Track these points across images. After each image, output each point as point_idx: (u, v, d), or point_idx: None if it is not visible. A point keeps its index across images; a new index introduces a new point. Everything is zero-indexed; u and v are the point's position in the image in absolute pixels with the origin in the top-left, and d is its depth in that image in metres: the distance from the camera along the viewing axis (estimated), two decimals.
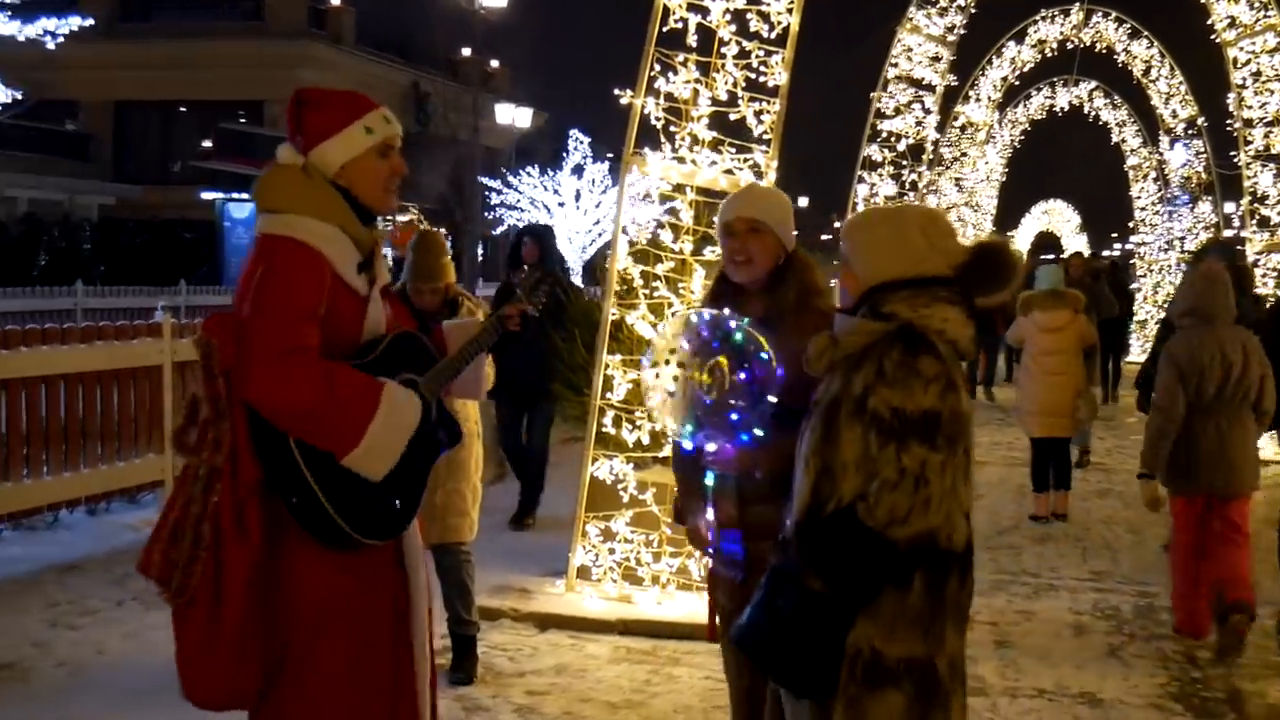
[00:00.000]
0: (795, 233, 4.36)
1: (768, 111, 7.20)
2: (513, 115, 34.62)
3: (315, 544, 3.57)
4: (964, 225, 24.78)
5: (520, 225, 26.87)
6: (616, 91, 7.20)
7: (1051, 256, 26.78)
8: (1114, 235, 75.41)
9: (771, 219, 4.24)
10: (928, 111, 15.19)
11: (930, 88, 15.17)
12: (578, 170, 36.15)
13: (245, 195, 30.60)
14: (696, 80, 7.13)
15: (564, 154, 37.18)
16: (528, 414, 9.82)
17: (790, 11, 7.18)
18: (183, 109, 43.69)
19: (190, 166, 36.78)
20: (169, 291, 20.08)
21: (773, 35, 7.19)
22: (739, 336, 3.97)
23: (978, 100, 21.91)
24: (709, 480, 4.27)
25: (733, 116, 7.20)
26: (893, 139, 15.14)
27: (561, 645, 6.76)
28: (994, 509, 10.99)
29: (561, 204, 35.28)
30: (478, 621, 6.39)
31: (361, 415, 3.49)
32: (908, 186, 15.29)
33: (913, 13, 14.91)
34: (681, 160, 7.16)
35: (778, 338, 4.02)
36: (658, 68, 7.12)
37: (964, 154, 22.91)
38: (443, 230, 11.23)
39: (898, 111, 15.09)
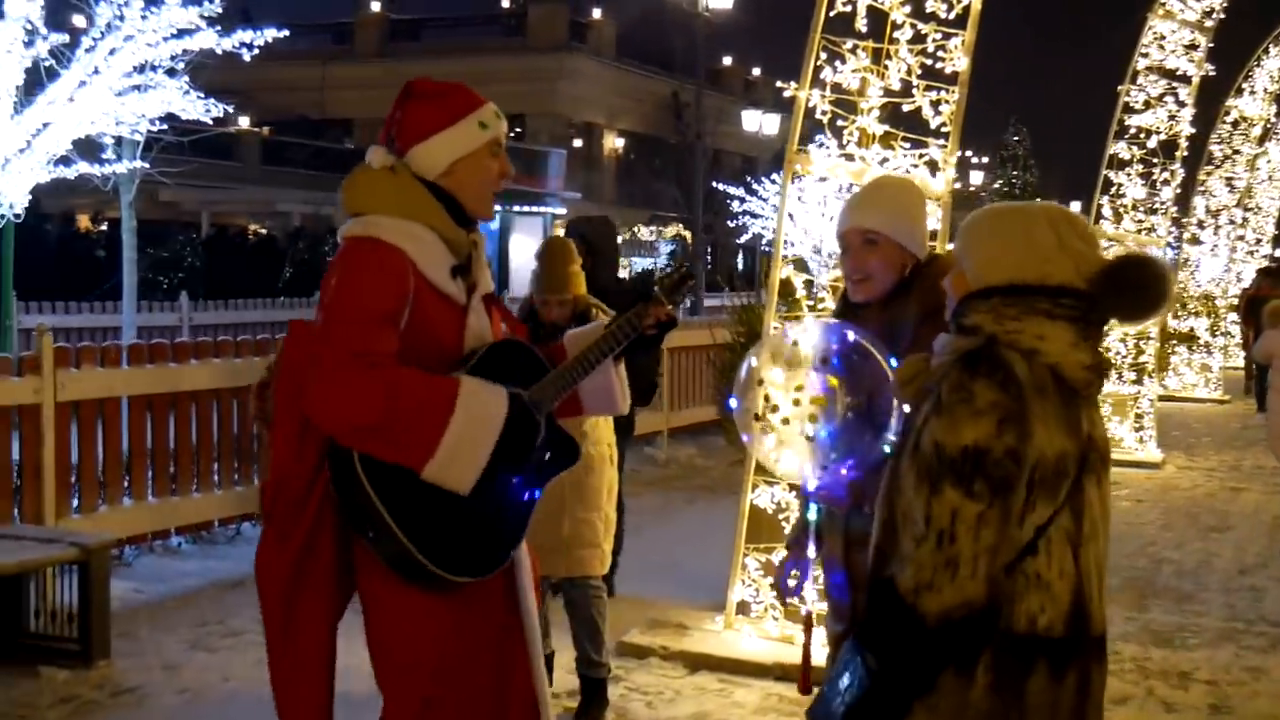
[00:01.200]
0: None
1: (946, 101, 6.45)
2: (759, 122, 34.04)
3: (407, 584, 3.18)
4: (1235, 228, 23.00)
5: (763, 234, 26.41)
6: (780, 84, 6.60)
7: None
8: None
9: (891, 227, 3.62)
10: (1182, 104, 13.90)
11: (1185, 79, 13.88)
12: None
13: None
14: (866, 69, 6.45)
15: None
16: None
17: None
18: None
19: None
20: None
21: (951, 16, 6.45)
22: (854, 356, 3.38)
23: (1252, 93, 20.20)
24: (811, 515, 3.69)
25: (906, 108, 6.50)
26: (1142, 135, 13.93)
27: (708, 690, 6.18)
28: (1240, 543, 9.88)
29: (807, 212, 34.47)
30: (608, 664, 5.87)
31: (435, 418, 3.08)
32: (1159, 186, 14.04)
33: None
34: (850, 158, 6.49)
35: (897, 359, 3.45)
36: (824, 56, 6.48)
37: (1236, 152, 21.15)
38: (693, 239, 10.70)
39: (1148, 105, 13.86)
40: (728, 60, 50.88)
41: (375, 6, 47.63)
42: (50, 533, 6.57)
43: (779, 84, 6.90)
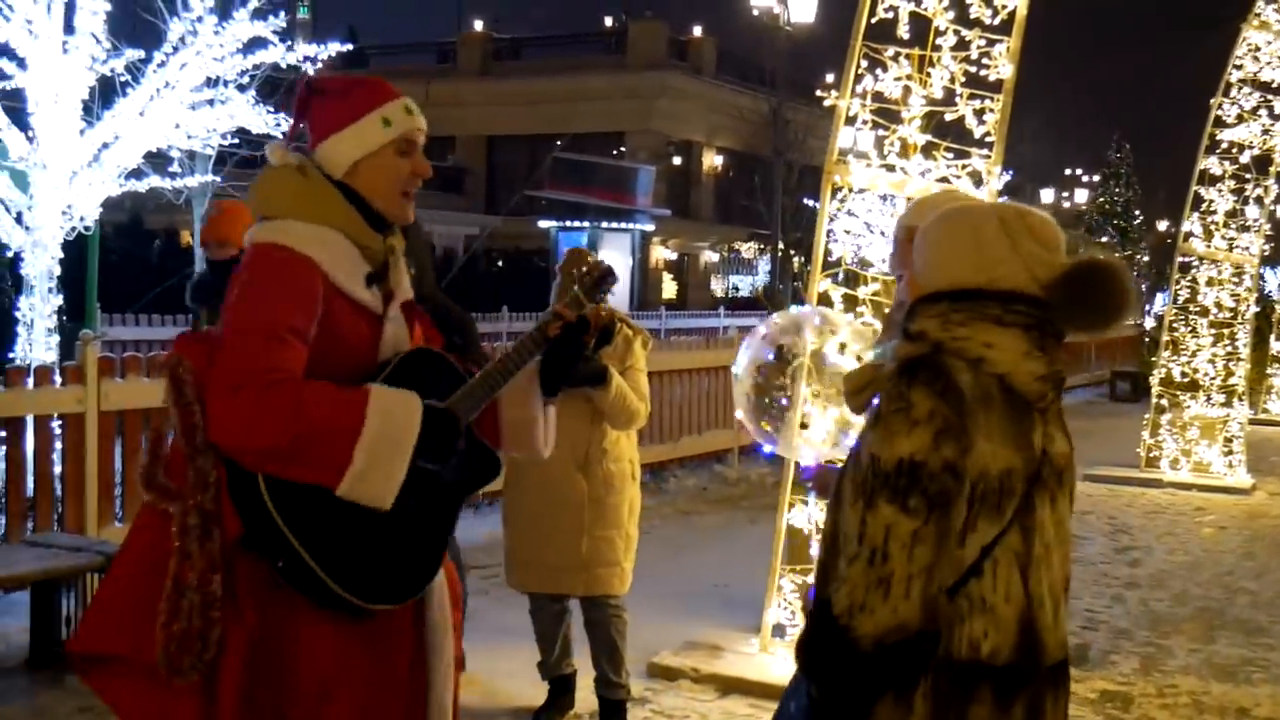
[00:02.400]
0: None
1: (990, 110, 6.24)
2: (853, 137, 33.44)
3: (316, 608, 2.99)
4: None
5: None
6: (819, 93, 6.42)
7: None
8: None
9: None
10: (1276, 118, 13.41)
11: None
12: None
13: (577, 223, 31.14)
14: (908, 77, 6.25)
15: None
16: None
17: None
18: (558, 141, 45.28)
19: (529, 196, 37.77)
20: (490, 318, 20.33)
21: (996, 21, 6.24)
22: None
23: None
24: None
25: (949, 117, 6.29)
26: (1234, 150, 13.48)
27: (737, 715, 6.00)
28: None
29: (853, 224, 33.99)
30: (628, 684, 5.73)
31: (346, 432, 2.88)
32: (1251, 202, 13.56)
33: (1261, 7, 13.22)
34: (890, 169, 6.29)
35: None
36: (864, 64, 6.30)
37: None
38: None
39: (1240, 119, 13.41)
40: (829, 78, 50.60)
41: (478, 25, 48.04)
42: (81, 541, 6.57)
43: (819, 93, 6.73)
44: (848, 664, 2.48)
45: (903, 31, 6.26)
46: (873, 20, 6.28)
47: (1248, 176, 13.55)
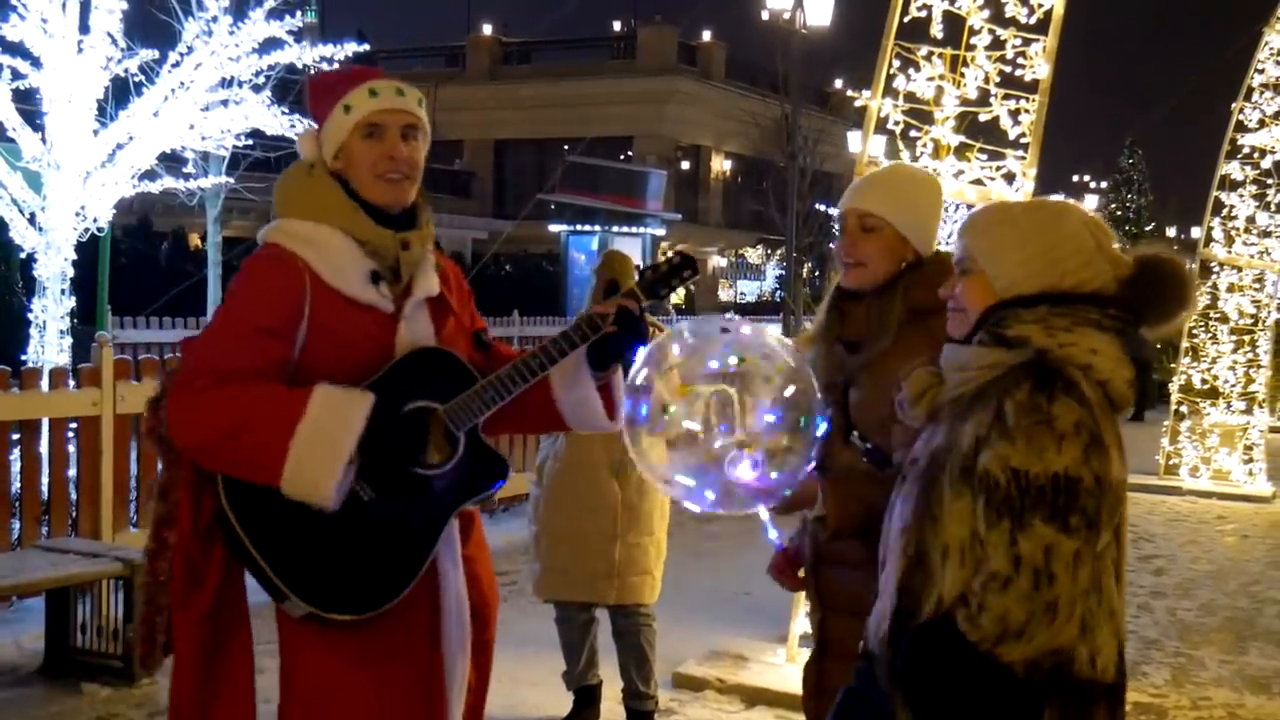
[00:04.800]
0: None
1: (1026, 111, 6.13)
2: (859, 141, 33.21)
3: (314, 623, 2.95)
4: None
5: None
6: (850, 93, 6.31)
7: None
8: None
9: (895, 215, 3.25)
10: None
11: None
12: None
13: (588, 226, 31.03)
14: (941, 77, 6.14)
15: None
16: None
17: None
18: (565, 146, 45.23)
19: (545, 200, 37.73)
20: (501, 322, 20.21)
21: (1032, 20, 6.14)
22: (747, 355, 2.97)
23: None
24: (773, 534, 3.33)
25: (983, 117, 6.18)
26: (1256, 155, 13.36)
27: None
28: None
29: None
30: (657, 695, 5.62)
31: (281, 427, 2.83)
32: (1274, 208, 13.43)
33: None
34: (923, 170, 6.17)
35: (866, 363, 3.15)
36: (897, 64, 6.19)
37: None
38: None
39: (1262, 124, 13.29)
40: (839, 83, 50.44)
41: (487, 29, 47.99)
42: (97, 547, 6.47)
43: (850, 92, 6.62)
44: (993, 694, 2.36)
45: (936, 30, 6.14)
46: (905, 20, 6.17)
47: (1269, 182, 13.43)
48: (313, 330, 2.95)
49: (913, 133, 6.19)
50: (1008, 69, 6.14)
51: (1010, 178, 6.11)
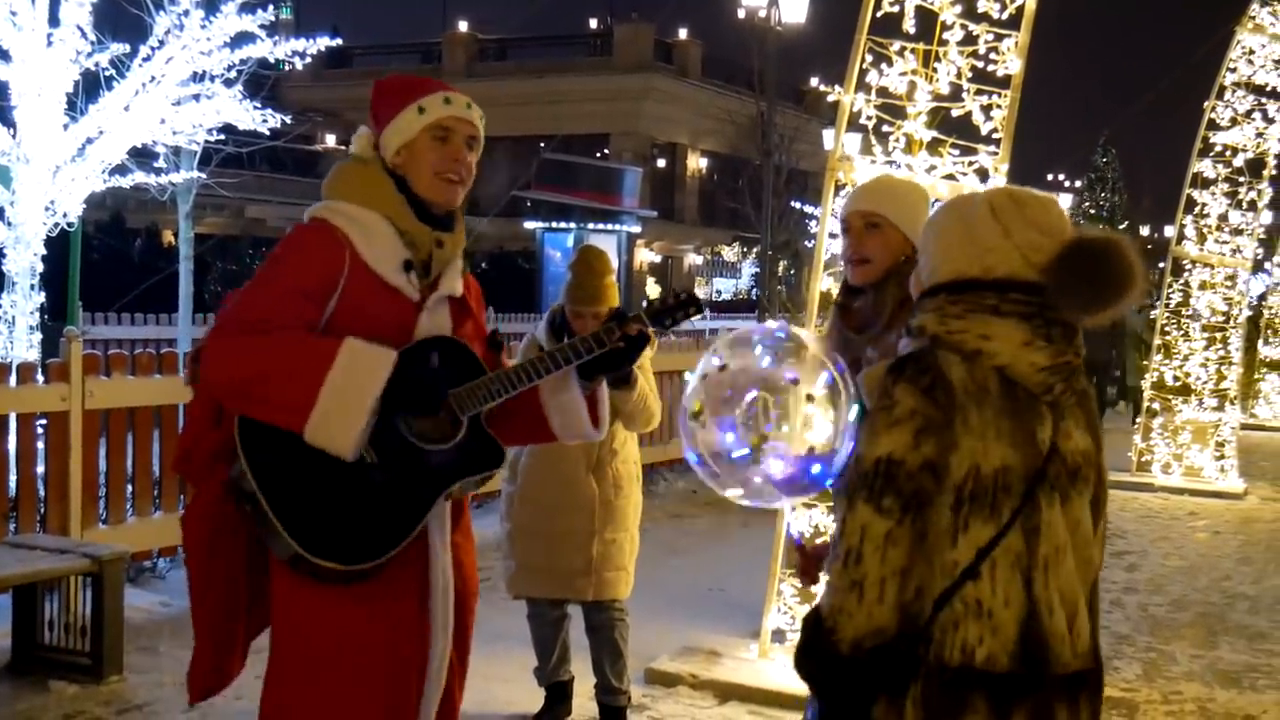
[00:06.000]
0: None
1: (997, 106, 6.12)
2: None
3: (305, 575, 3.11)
4: None
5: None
6: (824, 87, 6.31)
7: None
8: None
9: (894, 213, 3.48)
10: (1270, 121, 13.35)
11: (1275, 94, 13.34)
12: None
13: (564, 224, 31.00)
14: (914, 72, 6.14)
15: None
16: None
17: None
18: (541, 143, 45.15)
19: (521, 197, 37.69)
20: None
21: (1004, 16, 6.13)
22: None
23: None
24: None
25: (956, 113, 6.17)
26: (1228, 153, 13.42)
27: None
28: None
29: None
30: (630, 691, 5.61)
31: (311, 373, 3.00)
32: (1246, 206, 13.49)
33: (1255, 10, 13.16)
34: (895, 165, 6.17)
35: (869, 340, 3.40)
36: (870, 59, 6.18)
37: None
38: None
39: (1234, 122, 13.35)
40: (815, 81, 50.46)
41: (463, 26, 47.87)
42: (66, 543, 6.41)
43: (822, 87, 6.61)
44: (830, 668, 2.44)
45: (908, 26, 6.14)
46: (878, 15, 6.16)
47: (1241, 180, 13.49)
48: (342, 303, 3.12)
49: (885, 128, 6.18)
50: (980, 64, 6.13)
51: (983, 173, 6.10)
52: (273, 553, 3.13)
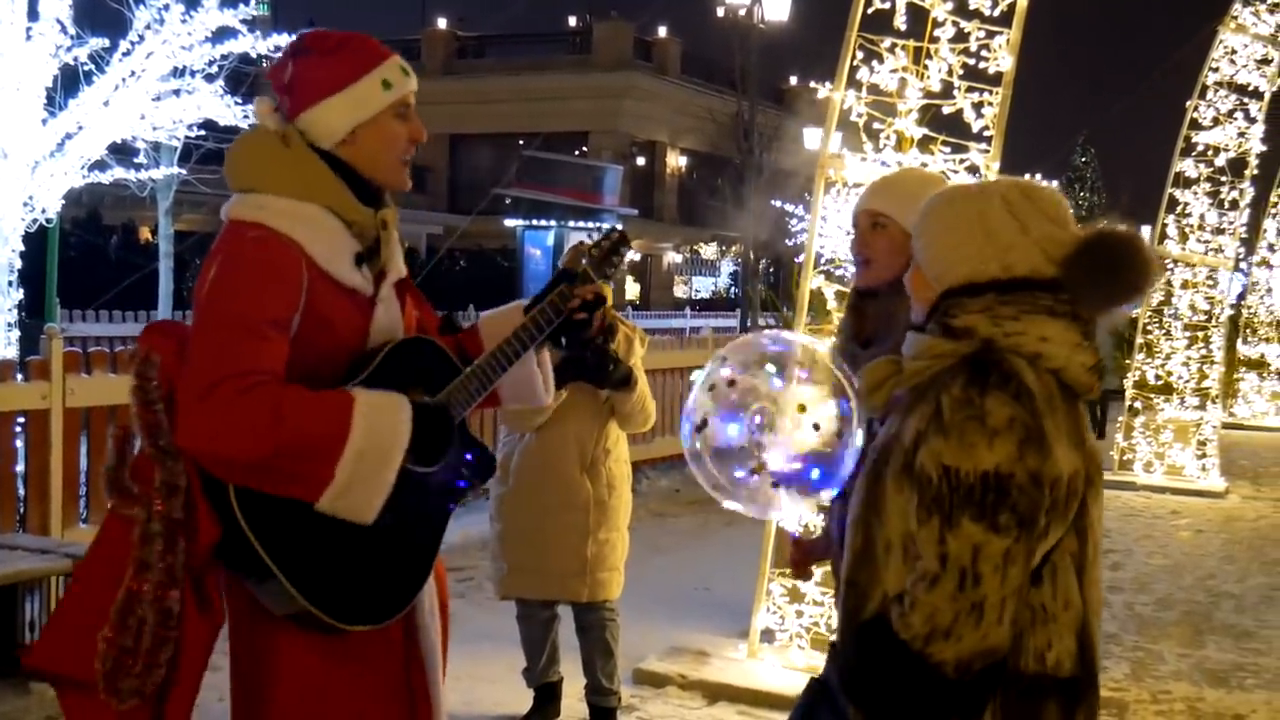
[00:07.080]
0: None
1: (989, 104, 6.10)
2: (819, 139, 33.22)
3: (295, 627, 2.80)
4: None
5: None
6: (812, 84, 6.27)
7: None
8: None
9: (901, 213, 3.29)
10: (1252, 120, 13.39)
11: (1257, 94, 13.39)
12: None
13: (544, 222, 30.93)
14: (905, 69, 6.11)
15: None
16: None
17: None
18: (521, 141, 45.10)
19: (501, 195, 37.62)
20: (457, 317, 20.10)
21: (996, 13, 6.10)
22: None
23: None
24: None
25: (947, 110, 6.14)
26: (1210, 152, 13.45)
27: None
28: None
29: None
30: (620, 691, 5.57)
31: (330, 443, 2.65)
32: (1227, 205, 13.52)
33: (1237, 10, 13.21)
34: (886, 163, 6.14)
35: (874, 357, 3.14)
36: (860, 56, 6.15)
37: None
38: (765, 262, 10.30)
39: (1216, 122, 13.38)
40: (794, 80, 50.54)
41: (442, 23, 47.70)
42: (46, 543, 6.32)
43: (812, 84, 6.57)
44: (927, 693, 2.28)
45: (899, 22, 6.11)
46: (869, 11, 6.13)
47: (1223, 179, 13.51)
48: (306, 318, 2.77)
49: (876, 125, 6.15)
50: (971, 61, 6.10)
51: (974, 170, 6.07)
52: (265, 605, 2.80)
